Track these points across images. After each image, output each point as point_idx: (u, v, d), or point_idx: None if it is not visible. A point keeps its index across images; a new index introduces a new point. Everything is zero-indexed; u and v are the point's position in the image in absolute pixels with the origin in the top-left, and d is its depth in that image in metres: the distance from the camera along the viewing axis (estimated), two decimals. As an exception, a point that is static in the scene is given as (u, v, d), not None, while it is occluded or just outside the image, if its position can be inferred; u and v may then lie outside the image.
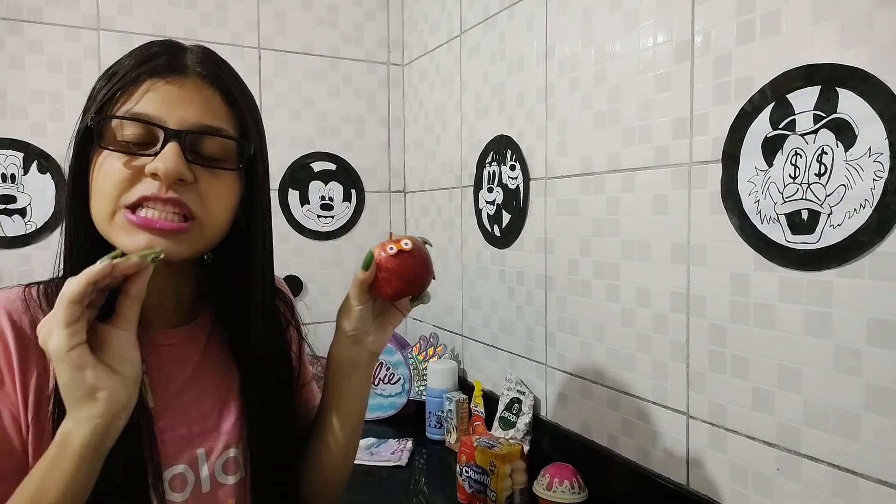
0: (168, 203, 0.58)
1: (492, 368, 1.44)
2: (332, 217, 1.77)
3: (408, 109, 1.83)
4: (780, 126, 0.78)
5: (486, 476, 1.07)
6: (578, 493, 1.03)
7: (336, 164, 1.76)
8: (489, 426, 1.33)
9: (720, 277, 0.88)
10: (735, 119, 0.84)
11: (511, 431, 1.26)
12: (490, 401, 1.37)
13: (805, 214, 0.76)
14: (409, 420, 1.53)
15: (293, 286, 1.70)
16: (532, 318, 1.28)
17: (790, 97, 0.77)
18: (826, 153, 0.74)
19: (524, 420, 1.24)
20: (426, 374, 1.50)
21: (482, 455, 1.08)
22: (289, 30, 1.69)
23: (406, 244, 0.67)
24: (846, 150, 0.72)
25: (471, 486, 1.10)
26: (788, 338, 0.79)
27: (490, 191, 1.41)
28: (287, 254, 1.71)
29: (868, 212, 0.70)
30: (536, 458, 1.17)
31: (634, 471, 1.02)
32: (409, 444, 1.38)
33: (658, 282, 0.97)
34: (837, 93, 0.72)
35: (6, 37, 1.40)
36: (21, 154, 1.42)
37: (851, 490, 0.73)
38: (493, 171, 1.40)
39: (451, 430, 1.38)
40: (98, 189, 0.59)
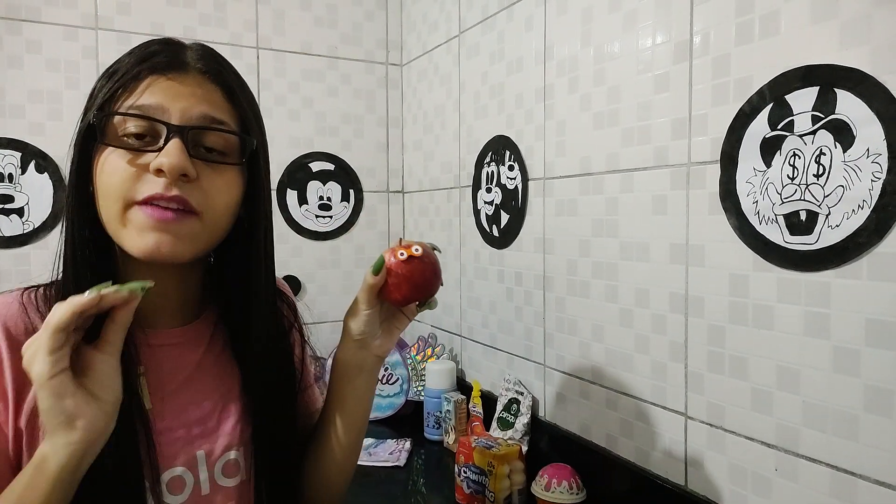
0: (172, 201, 0.58)
1: (490, 369, 1.44)
2: (331, 217, 1.76)
3: (406, 109, 1.83)
4: (779, 127, 0.78)
5: (485, 476, 1.07)
6: (577, 494, 1.03)
7: (334, 164, 1.76)
8: (487, 427, 1.33)
9: (719, 278, 0.88)
10: (733, 120, 0.84)
11: (509, 432, 1.25)
12: (488, 401, 1.37)
13: (803, 215, 0.76)
14: (408, 420, 1.53)
15: (292, 286, 1.69)
16: (530, 319, 1.28)
17: (788, 98, 0.77)
18: (824, 154, 0.74)
19: (522, 420, 1.24)
20: (424, 375, 1.50)
21: (480, 455, 1.08)
22: (287, 30, 1.69)
23: (417, 250, 0.68)
24: (844, 151, 0.72)
25: (469, 487, 1.10)
26: (787, 338, 0.79)
27: (489, 191, 1.41)
28: (285, 254, 1.70)
29: (866, 213, 0.70)
30: (535, 459, 1.17)
31: (633, 471, 1.02)
32: (408, 445, 1.38)
33: (657, 282, 0.97)
34: (836, 93, 0.72)
35: (4, 36, 1.40)
36: (19, 153, 1.42)
37: (850, 491, 0.73)
38: (492, 172, 1.40)
39: (450, 431, 1.38)
40: (103, 189, 0.59)
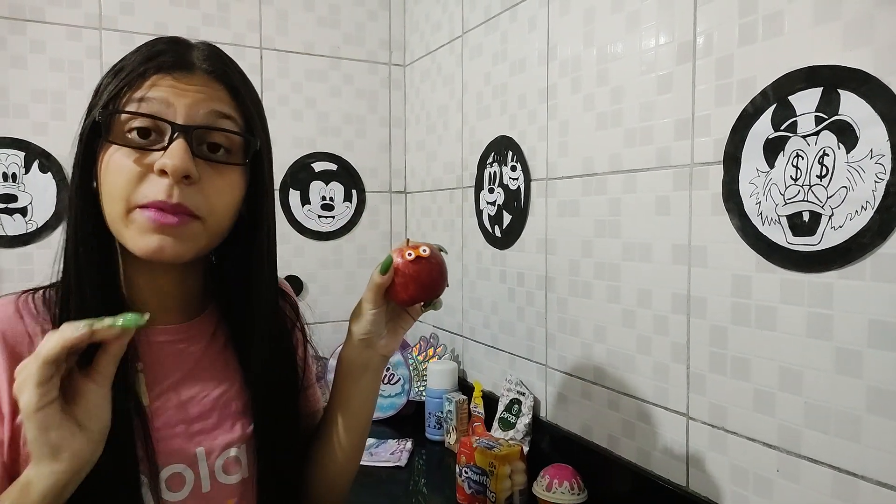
0: (175, 209, 0.58)
1: (492, 369, 1.44)
2: (333, 217, 1.77)
3: (409, 110, 1.83)
4: (782, 127, 0.78)
5: (486, 477, 1.07)
6: (578, 495, 1.03)
7: (337, 165, 1.76)
8: (489, 427, 1.33)
9: (721, 279, 0.87)
10: (737, 120, 0.84)
11: (511, 432, 1.25)
12: (490, 401, 1.37)
13: (806, 216, 0.76)
14: (409, 420, 1.53)
15: (293, 286, 1.69)
16: (532, 319, 1.28)
17: (792, 99, 0.77)
18: (827, 155, 0.74)
19: (524, 421, 1.24)
20: (426, 375, 1.50)
21: (482, 456, 1.08)
22: (290, 30, 1.69)
23: (424, 251, 0.68)
24: (847, 152, 0.72)
25: (470, 487, 1.09)
26: (789, 339, 0.79)
27: (491, 191, 1.41)
28: (288, 254, 1.70)
29: (869, 214, 0.70)
30: (536, 459, 1.17)
31: (634, 472, 1.02)
32: (409, 445, 1.38)
33: (659, 283, 0.97)
34: (839, 94, 0.72)
35: (8, 36, 1.41)
36: (22, 153, 1.42)
37: (852, 492, 0.73)
38: (495, 172, 1.40)
39: (451, 431, 1.38)
40: (108, 187, 0.59)
